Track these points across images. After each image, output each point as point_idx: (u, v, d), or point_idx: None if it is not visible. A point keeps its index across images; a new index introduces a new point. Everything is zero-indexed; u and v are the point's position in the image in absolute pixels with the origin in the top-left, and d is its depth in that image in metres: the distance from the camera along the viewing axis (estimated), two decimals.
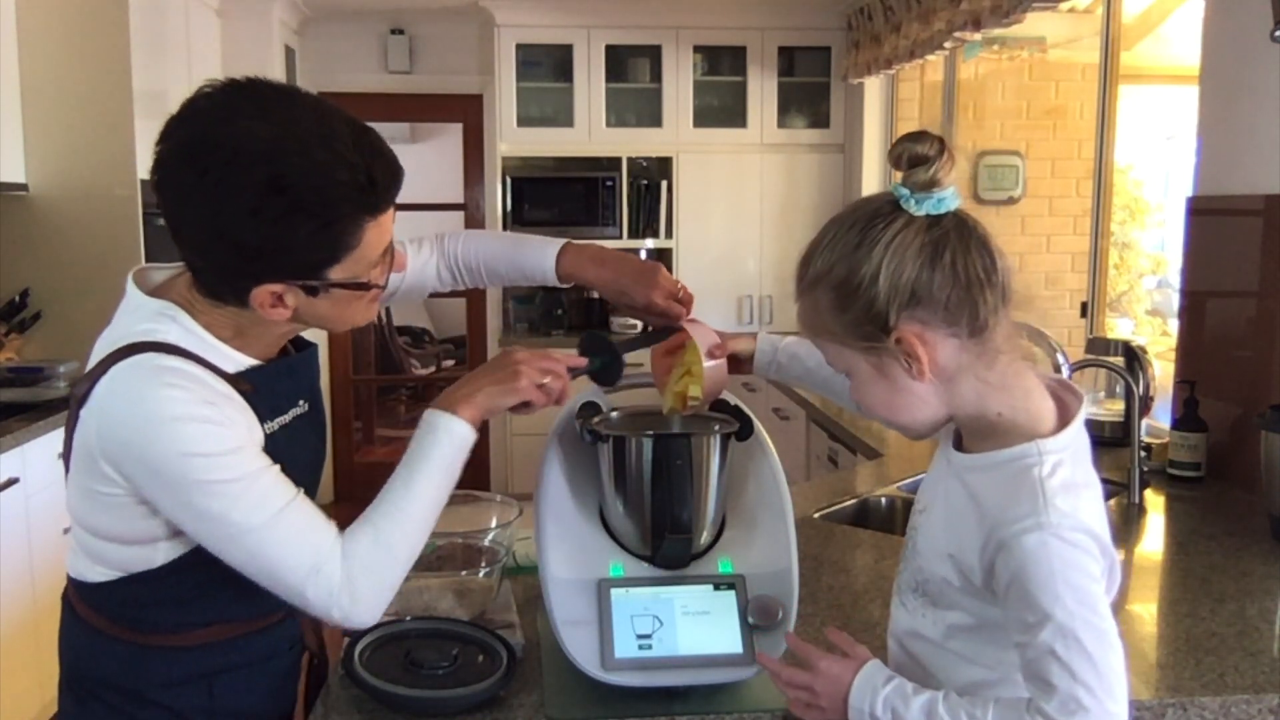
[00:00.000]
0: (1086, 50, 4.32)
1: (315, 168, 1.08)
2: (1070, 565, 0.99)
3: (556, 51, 5.32)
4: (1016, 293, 1.05)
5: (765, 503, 1.39)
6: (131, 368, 1.13)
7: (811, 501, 2.24)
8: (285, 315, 1.17)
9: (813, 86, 5.48)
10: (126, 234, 3.84)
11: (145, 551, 1.20)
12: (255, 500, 1.13)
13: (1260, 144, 2.34)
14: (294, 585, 1.14)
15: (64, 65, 3.75)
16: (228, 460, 1.12)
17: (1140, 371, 2.51)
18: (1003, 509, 1.02)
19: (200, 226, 1.12)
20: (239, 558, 1.14)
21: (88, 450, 1.15)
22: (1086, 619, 0.98)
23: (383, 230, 1.16)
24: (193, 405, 1.12)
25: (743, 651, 1.29)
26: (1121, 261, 4.77)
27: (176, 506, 1.13)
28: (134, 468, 1.13)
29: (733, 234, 5.48)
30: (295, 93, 1.14)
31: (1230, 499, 2.28)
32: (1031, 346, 1.13)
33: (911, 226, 1.02)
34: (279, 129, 1.08)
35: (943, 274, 1.01)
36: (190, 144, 1.12)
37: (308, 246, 1.12)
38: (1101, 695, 0.97)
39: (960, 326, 1.03)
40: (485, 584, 1.52)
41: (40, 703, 3.01)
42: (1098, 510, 1.04)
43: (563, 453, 1.40)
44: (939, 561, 1.11)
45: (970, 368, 1.05)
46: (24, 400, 3.25)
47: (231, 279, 1.15)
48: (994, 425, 1.07)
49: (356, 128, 1.13)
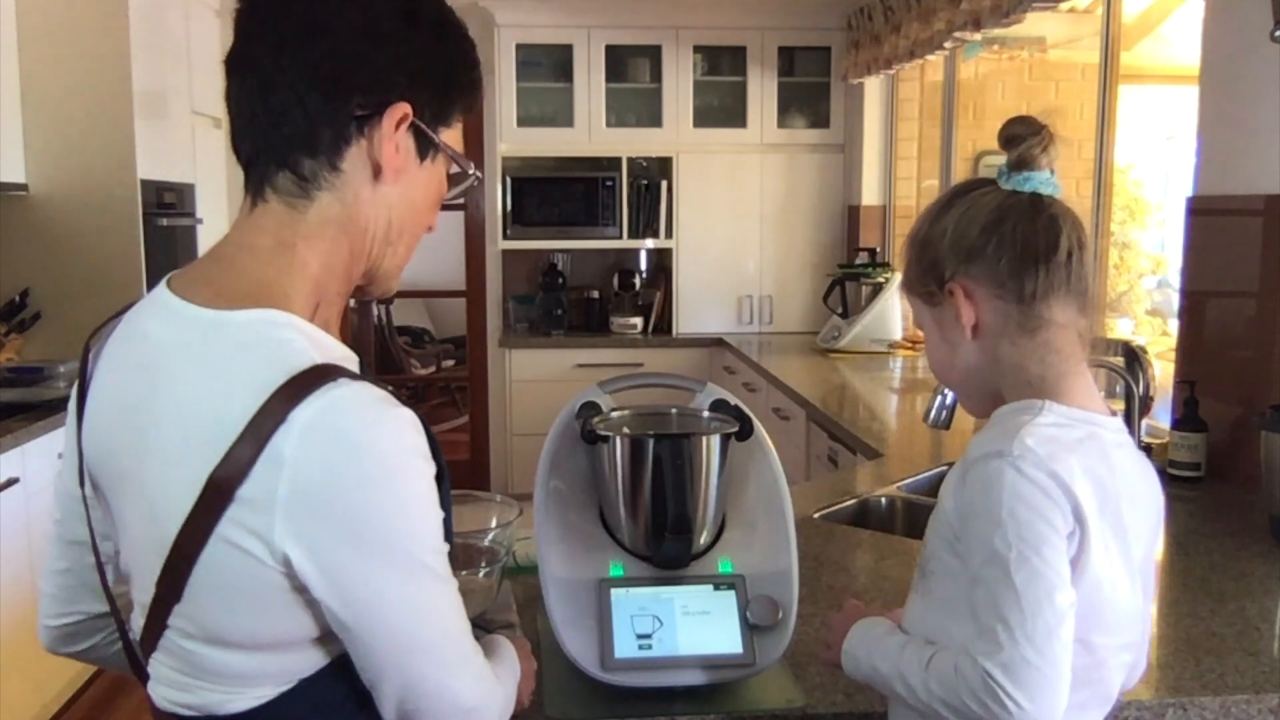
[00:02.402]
0: (1086, 50, 4.32)
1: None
2: (1019, 498, 0.98)
3: (556, 51, 5.31)
4: (1090, 289, 1.09)
5: (765, 503, 1.39)
6: (352, 403, 0.87)
7: (811, 501, 2.24)
8: (395, 165, 0.99)
9: (813, 86, 5.48)
10: (126, 234, 3.85)
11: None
12: (460, 607, 0.94)
13: (1260, 144, 2.34)
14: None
15: (64, 65, 3.75)
16: (441, 534, 0.93)
17: (1140, 371, 2.50)
18: (978, 444, 1.05)
19: (343, 18, 0.97)
20: (408, 675, 0.91)
21: (253, 513, 0.85)
22: (1023, 554, 0.97)
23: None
24: (420, 437, 0.92)
25: (743, 651, 1.29)
26: (1121, 261, 4.77)
27: (368, 595, 0.88)
28: (333, 533, 0.86)
29: (733, 234, 5.48)
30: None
31: (1230, 499, 2.28)
32: (1101, 355, 1.16)
33: (991, 195, 1.10)
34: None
35: (1000, 239, 1.07)
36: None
37: (453, 62, 1.03)
38: (1019, 637, 0.94)
39: (1007, 291, 1.08)
40: (485, 584, 1.52)
41: (40, 703, 3.01)
42: (1077, 475, 1.01)
43: (563, 453, 1.40)
44: (933, 520, 1.12)
45: (1010, 334, 1.09)
46: (24, 400, 3.25)
47: (367, 83, 0.97)
48: (1026, 394, 1.09)
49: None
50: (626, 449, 1.34)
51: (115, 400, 0.96)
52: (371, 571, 0.87)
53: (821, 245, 5.52)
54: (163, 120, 4.14)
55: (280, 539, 0.85)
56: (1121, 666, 1.11)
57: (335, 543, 0.86)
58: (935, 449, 2.82)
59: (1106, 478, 1.04)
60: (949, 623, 1.06)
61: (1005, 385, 1.11)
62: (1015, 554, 0.96)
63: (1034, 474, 0.99)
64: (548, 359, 5.39)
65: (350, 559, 0.86)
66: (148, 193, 3.93)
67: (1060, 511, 0.99)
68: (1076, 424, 1.05)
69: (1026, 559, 0.96)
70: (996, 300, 1.08)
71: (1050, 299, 1.07)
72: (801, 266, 5.52)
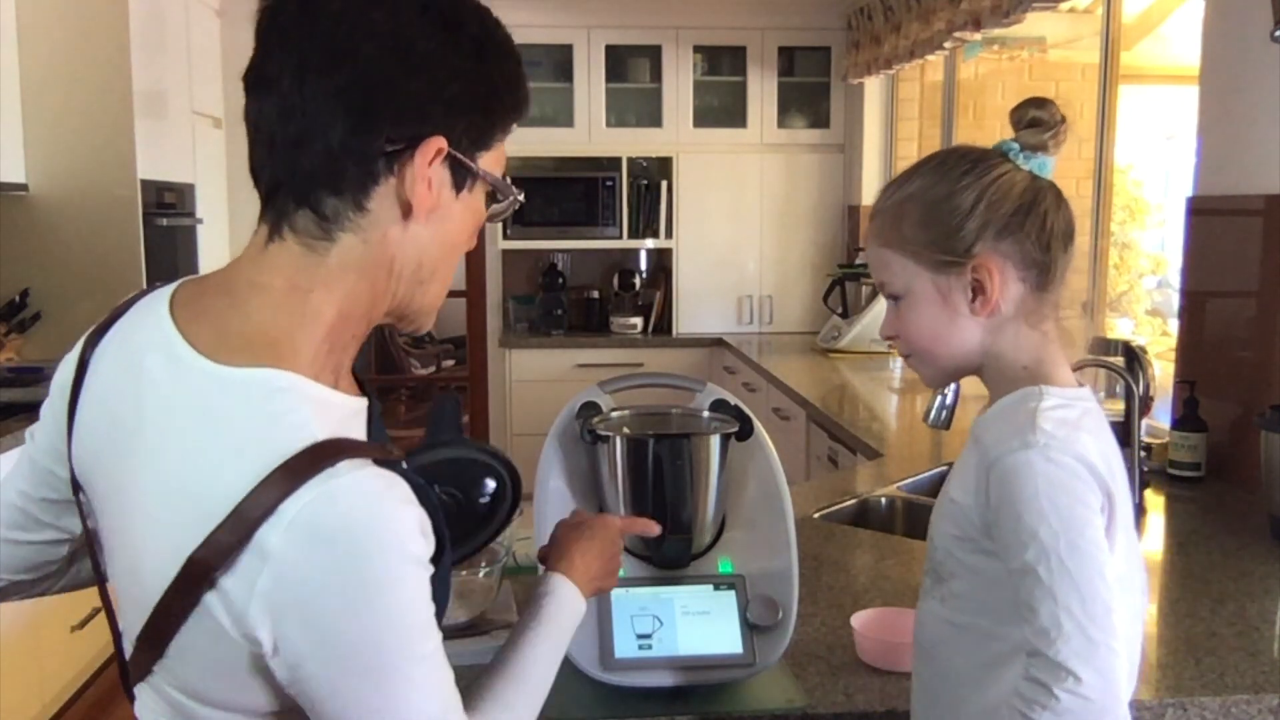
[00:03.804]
0: (1086, 50, 4.32)
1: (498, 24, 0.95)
2: (1056, 485, 0.99)
3: (556, 51, 5.32)
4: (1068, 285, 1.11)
5: (765, 503, 1.39)
6: (348, 498, 0.80)
7: (811, 501, 2.24)
8: (427, 205, 0.90)
9: (813, 86, 5.48)
10: (126, 234, 3.84)
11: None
12: (439, 682, 0.86)
13: (1260, 144, 2.34)
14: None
15: (64, 65, 3.74)
16: (432, 625, 0.86)
17: (1140, 371, 2.50)
18: (996, 440, 1.04)
19: (373, 42, 0.87)
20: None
21: (231, 597, 0.81)
22: (1072, 541, 0.97)
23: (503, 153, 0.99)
24: (419, 539, 0.84)
25: (743, 651, 1.29)
26: (1121, 261, 4.77)
27: (333, 702, 0.82)
28: (307, 640, 0.80)
29: (733, 234, 5.48)
30: None
31: (1230, 499, 2.28)
32: (1075, 331, 1.17)
33: (1019, 173, 1.08)
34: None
35: (1035, 219, 1.07)
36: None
37: (496, 83, 0.93)
38: (1083, 619, 0.95)
39: (1031, 273, 1.08)
40: (485, 584, 1.52)
41: (40, 703, 3.01)
42: (1098, 453, 1.03)
43: (563, 453, 1.40)
44: (944, 519, 1.11)
45: (1021, 318, 1.09)
46: (24, 400, 3.25)
47: (398, 115, 0.88)
48: (1016, 380, 1.09)
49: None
50: (626, 449, 1.34)
51: (105, 417, 0.92)
52: (341, 681, 0.81)
53: (821, 245, 5.52)
54: (163, 120, 4.14)
55: (254, 624, 0.80)
56: (1135, 638, 1.11)
57: (308, 648, 0.80)
58: (935, 449, 2.82)
59: (1108, 448, 1.07)
60: (981, 620, 1.07)
61: (990, 369, 1.11)
62: (1064, 542, 0.97)
63: (1063, 459, 1.00)
64: (548, 359, 5.39)
65: (319, 669, 0.81)
66: (148, 193, 3.92)
67: (1093, 491, 1.01)
68: (1072, 402, 1.07)
69: (1075, 545, 0.97)
70: (1019, 283, 1.08)
71: (1057, 287, 1.09)
72: (801, 266, 5.51)
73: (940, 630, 1.12)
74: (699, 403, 1.42)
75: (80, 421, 0.95)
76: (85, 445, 0.94)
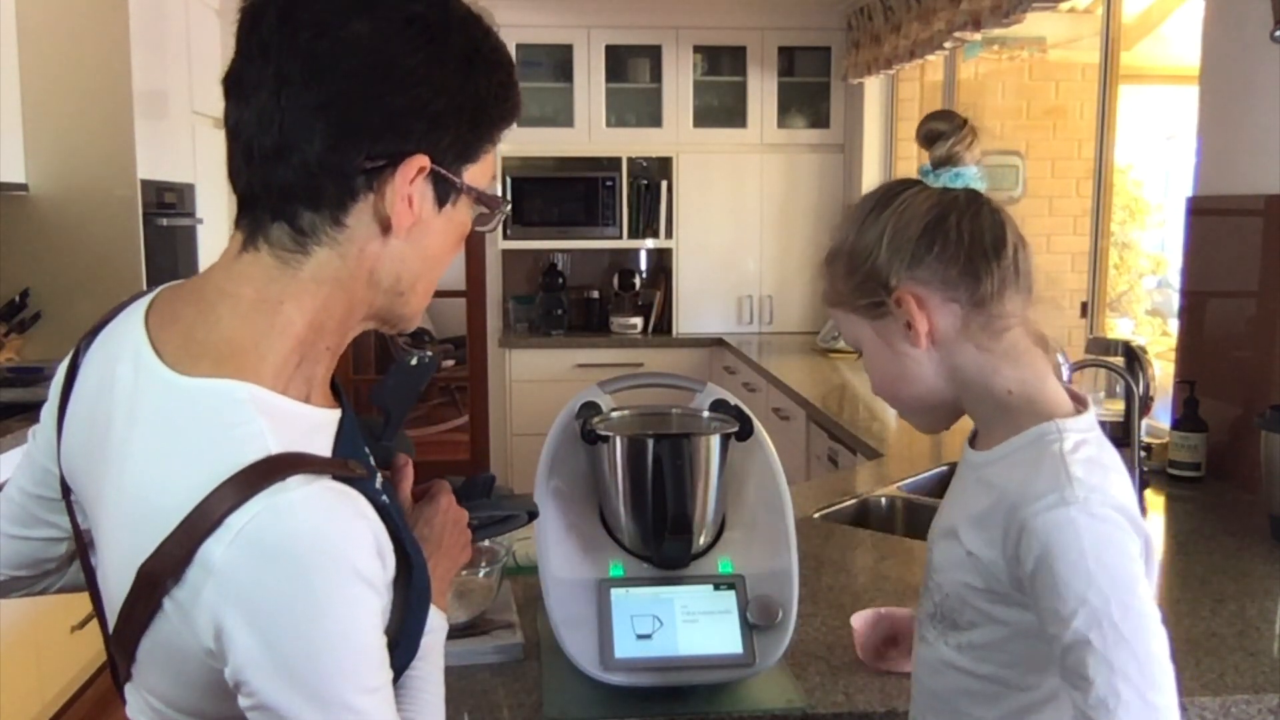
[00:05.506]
0: (1086, 50, 4.32)
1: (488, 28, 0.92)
2: (1102, 542, 0.92)
3: (556, 51, 5.31)
4: (1036, 283, 1.03)
5: (765, 503, 1.39)
6: (296, 512, 0.78)
7: (811, 501, 2.24)
8: (407, 223, 0.88)
9: (813, 86, 5.48)
10: (126, 234, 3.84)
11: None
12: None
13: (1260, 144, 2.34)
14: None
15: (64, 65, 3.74)
16: (383, 660, 0.84)
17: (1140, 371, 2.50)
18: (1023, 490, 0.96)
19: (355, 57, 0.84)
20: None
21: (183, 607, 0.80)
22: (1124, 602, 0.91)
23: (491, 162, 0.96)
24: (372, 559, 0.82)
25: (743, 651, 1.29)
26: (1121, 261, 4.76)
27: (286, 712, 0.79)
28: (250, 656, 0.78)
29: (733, 234, 5.48)
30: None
31: (1230, 499, 2.28)
32: (1049, 342, 1.10)
33: (923, 194, 1.04)
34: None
35: (944, 238, 1.01)
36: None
37: (483, 96, 0.89)
38: (1142, 685, 0.90)
39: (960, 293, 1.01)
40: (485, 584, 1.52)
41: (40, 703, 3.01)
42: (1129, 494, 0.98)
43: (563, 453, 1.40)
44: (958, 569, 1.04)
45: (971, 337, 1.02)
46: (24, 400, 3.25)
47: (379, 132, 0.85)
48: (1006, 406, 1.03)
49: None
50: (626, 449, 1.34)
51: (86, 421, 0.92)
52: (286, 702, 0.78)
53: (821, 245, 5.38)
54: (163, 120, 4.14)
55: (203, 635, 0.79)
56: None
57: (252, 665, 0.78)
58: (935, 449, 2.82)
59: (1125, 472, 1.01)
60: (1010, 672, 1.02)
61: (969, 397, 1.05)
62: (1116, 604, 0.91)
63: (1104, 513, 0.94)
64: (548, 359, 5.39)
65: (263, 684, 0.78)
66: (148, 193, 3.92)
67: (1134, 540, 0.95)
68: (1087, 434, 1.00)
69: (1128, 605, 0.91)
70: (950, 304, 1.01)
71: (1004, 297, 1.01)
72: (801, 266, 5.51)
73: (960, 681, 1.06)
74: (699, 403, 1.42)
75: (67, 424, 0.95)
76: (71, 448, 0.95)
